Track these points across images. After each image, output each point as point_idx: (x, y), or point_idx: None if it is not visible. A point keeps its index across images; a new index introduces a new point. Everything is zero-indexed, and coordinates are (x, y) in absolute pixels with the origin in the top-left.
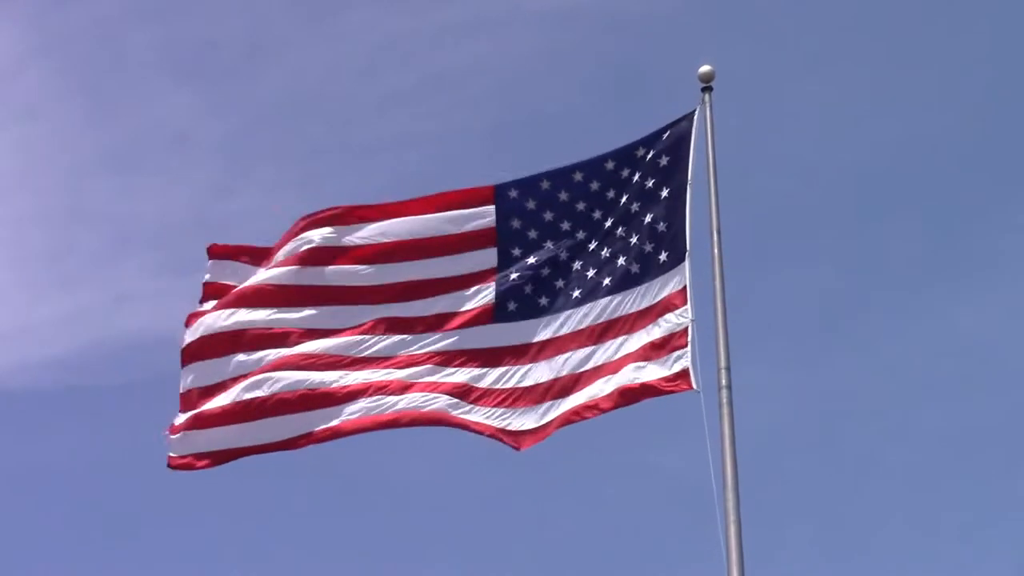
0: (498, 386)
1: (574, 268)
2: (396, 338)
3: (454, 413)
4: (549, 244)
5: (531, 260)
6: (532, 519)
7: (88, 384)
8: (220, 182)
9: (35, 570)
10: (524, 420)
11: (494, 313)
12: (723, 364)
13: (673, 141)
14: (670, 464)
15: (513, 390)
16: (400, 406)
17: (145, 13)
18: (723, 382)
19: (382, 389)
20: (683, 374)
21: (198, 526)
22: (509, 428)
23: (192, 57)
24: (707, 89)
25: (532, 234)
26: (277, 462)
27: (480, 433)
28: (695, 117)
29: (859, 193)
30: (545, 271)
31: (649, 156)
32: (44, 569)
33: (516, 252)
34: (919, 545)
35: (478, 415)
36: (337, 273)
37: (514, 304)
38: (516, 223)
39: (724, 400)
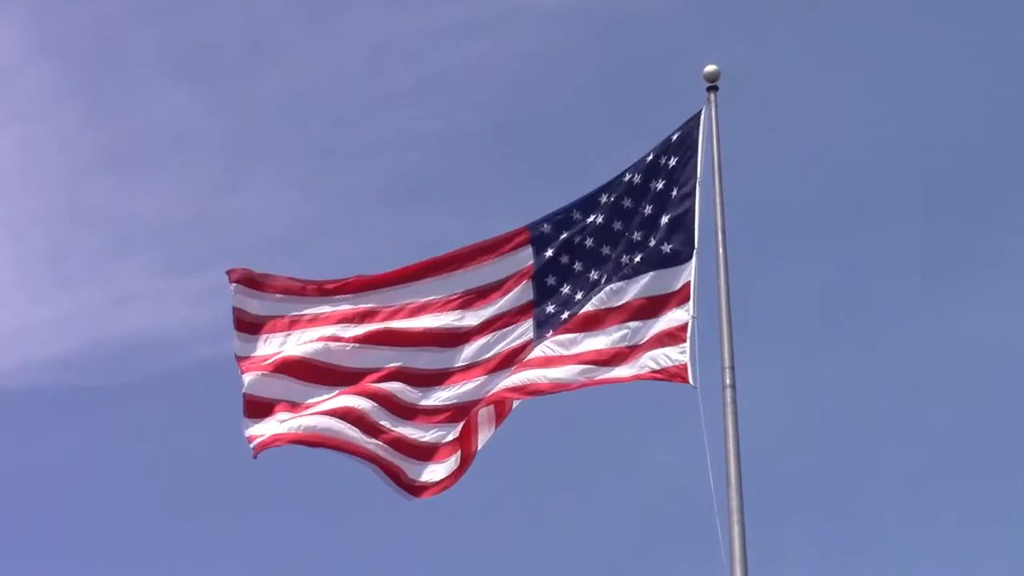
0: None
1: (601, 282)
2: (423, 391)
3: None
4: (578, 265)
5: (566, 288)
6: (531, 518)
7: (88, 384)
8: (220, 182)
9: (35, 570)
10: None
11: (533, 345)
12: (727, 363)
13: (681, 142)
14: (669, 462)
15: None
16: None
17: (145, 13)
18: (727, 381)
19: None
20: (681, 367)
21: (197, 525)
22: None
23: (192, 57)
24: (712, 89)
25: (564, 259)
26: (274, 461)
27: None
28: (701, 117)
29: (861, 192)
30: (579, 294)
31: (661, 161)
32: (44, 569)
33: (551, 281)
34: (919, 545)
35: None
36: (376, 333)
37: (551, 331)
38: (549, 252)
39: (728, 399)
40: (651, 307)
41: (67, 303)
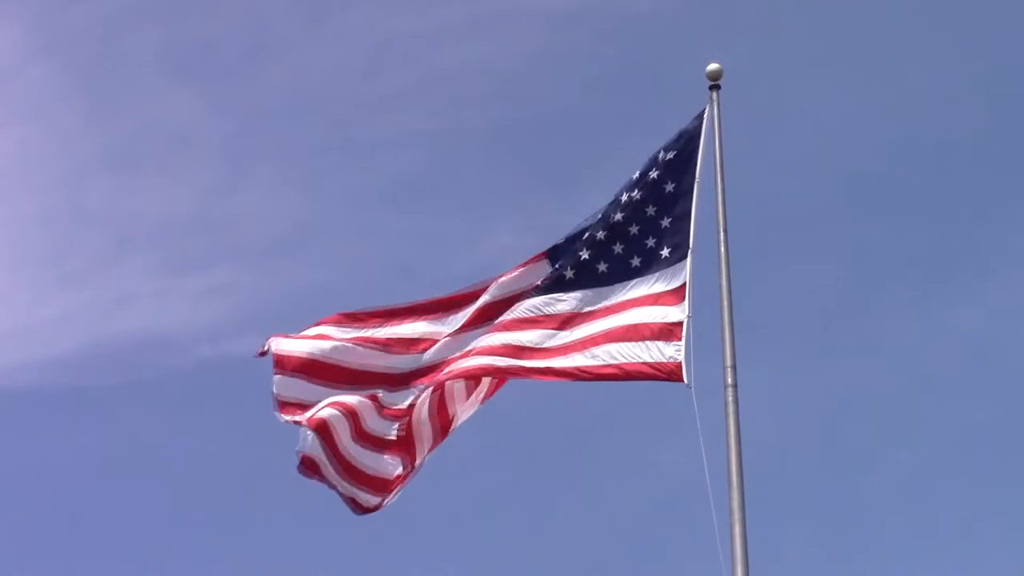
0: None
1: (589, 263)
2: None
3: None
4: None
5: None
6: (532, 518)
7: (88, 384)
8: (220, 182)
9: (35, 570)
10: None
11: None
12: (728, 363)
13: (683, 139)
14: (671, 463)
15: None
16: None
17: (145, 13)
18: (728, 381)
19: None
20: (676, 366)
21: (197, 526)
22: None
23: (192, 57)
24: (715, 87)
25: (569, 275)
26: (273, 461)
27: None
28: (704, 115)
29: (862, 192)
30: (570, 273)
31: (660, 154)
32: (45, 569)
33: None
34: (919, 544)
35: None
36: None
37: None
38: (562, 262)
39: (730, 399)
40: (642, 304)
41: (67, 303)
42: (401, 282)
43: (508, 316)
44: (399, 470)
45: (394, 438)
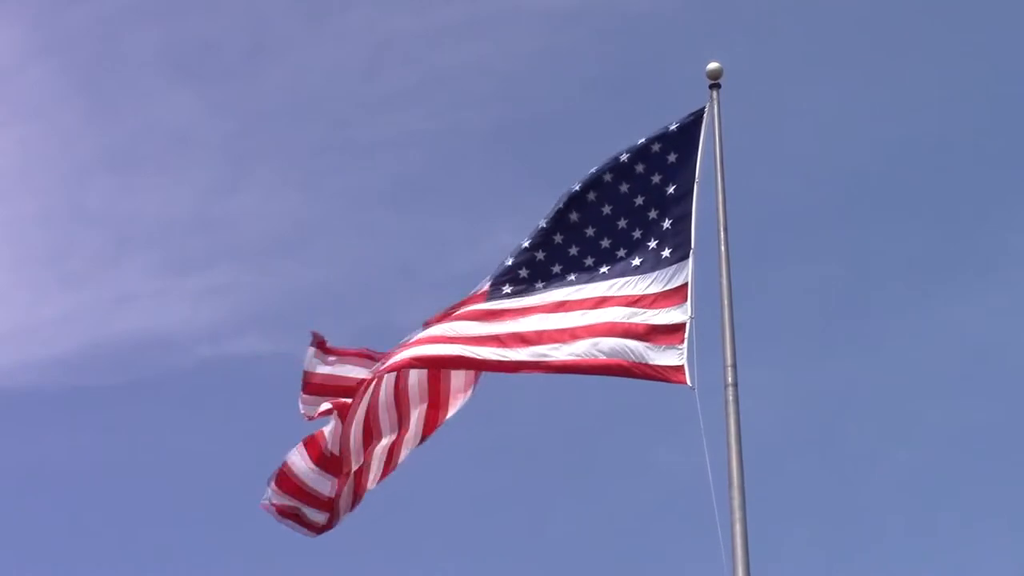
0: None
1: (570, 253)
2: None
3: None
4: (574, 248)
5: (538, 252)
6: (533, 518)
7: (88, 384)
8: (220, 182)
9: (35, 570)
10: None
11: (488, 295)
12: (729, 362)
13: (681, 137)
14: (672, 463)
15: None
16: None
17: (145, 13)
18: (729, 380)
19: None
20: (678, 368)
21: (197, 526)
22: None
23: (192, 57)
24: (715, 86)
25: (558, 239)
26: (271, 459)
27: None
28: (704, 114)
29: (862, 192)
30: (541, 255)
31: (657, 150)
32: (45, 569)
33: (540, 256)
34: (919, 544)
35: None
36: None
37: (509, 286)
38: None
39: (730, 398)
40: (643, 302)
41: (67, 303)
42: (401, 282)
43: (477, 307)
44: (334, 485)
45: (335, 456)
